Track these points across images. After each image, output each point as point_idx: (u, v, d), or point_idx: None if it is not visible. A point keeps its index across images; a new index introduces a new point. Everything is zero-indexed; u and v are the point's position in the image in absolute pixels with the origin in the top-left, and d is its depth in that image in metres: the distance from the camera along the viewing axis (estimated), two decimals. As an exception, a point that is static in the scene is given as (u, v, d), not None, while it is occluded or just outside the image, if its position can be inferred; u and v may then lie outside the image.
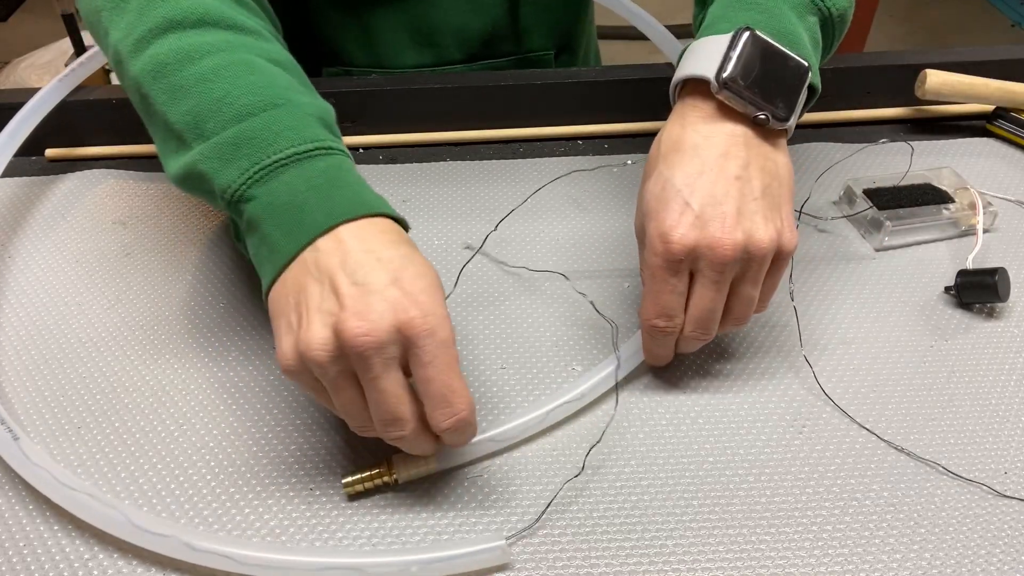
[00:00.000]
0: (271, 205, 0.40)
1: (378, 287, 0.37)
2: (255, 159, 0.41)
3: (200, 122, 0.42)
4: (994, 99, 0.67)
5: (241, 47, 0.44)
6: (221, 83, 0.42)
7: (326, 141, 0.42)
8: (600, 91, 0.69)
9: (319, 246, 0.39)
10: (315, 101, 0.45)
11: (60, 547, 0.41)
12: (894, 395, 0.49)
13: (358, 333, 0.36)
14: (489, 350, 0.51)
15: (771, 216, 0.43)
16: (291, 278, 0.39)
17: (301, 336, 0.38)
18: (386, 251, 0.39)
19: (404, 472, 0.43)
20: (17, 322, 0.53)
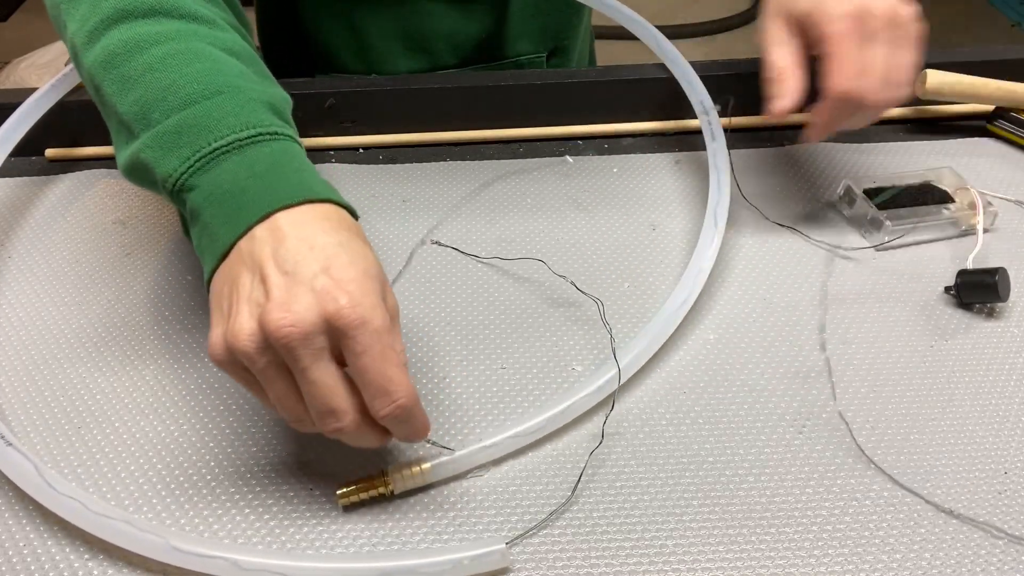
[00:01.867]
0: (211, 195, 0.39)
1: (306, 276, 0.36)
2: (196, 147, 0.40)
3: (147, 112, 0.41)
4: (994, 99, 0.67)
5: (192, 36, 0.44)
6: (168, 72, 0.41)
7: (271, 126, 0.41)
8: (600, 91, 0.68)
9: (255, 234, 0.38)
10: (266, 88, 0.44)
11: (60, 548, 0.41)
12: (894, 395, 0.49)
13: (282, 324, 0.35)
14: (489, 350, 0.51)
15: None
16: (227, 268, 0.39)
17: (228, 327, 0.37)
18: (321, 238, 0.38)
19: (400, 484, 0.43)
20: (17, 322, 0.53)
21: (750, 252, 0.58)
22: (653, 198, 0.63)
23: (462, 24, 0.73)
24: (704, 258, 0.53)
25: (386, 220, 0.61)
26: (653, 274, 0.56)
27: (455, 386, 0.49)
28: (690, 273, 0.53)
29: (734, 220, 0.61)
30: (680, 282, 0.52)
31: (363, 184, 0.64)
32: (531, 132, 0.69)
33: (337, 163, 0.66)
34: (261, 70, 0.46)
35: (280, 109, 0.44)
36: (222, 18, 0.47)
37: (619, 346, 0.50)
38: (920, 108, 0.71)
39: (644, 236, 0.60)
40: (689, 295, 0.51)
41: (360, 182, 0.64)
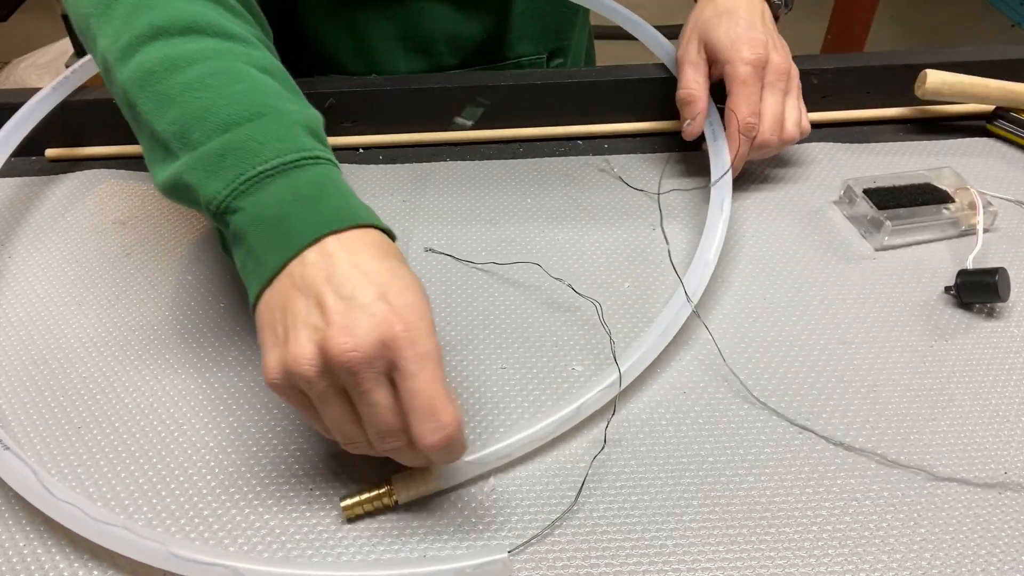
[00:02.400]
0: (257, 217, 0.40)
1: (364, 302, 0.37)
2: (240, 170, 0.40)
3: (186, 132, 0.41)
4: (994, 99, 0.67)
5: (229, 55, 0.44)
6: (207, 92, 0.42)
7: (313, 151, 0.42)
8: (600, 91, 0.68)
9: (306, 258, 0.39)
10: (303, 109, 0.44)
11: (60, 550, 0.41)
12: (894, 395, 0.49)
13: (345, 349, 0.36)
14: (489, 350, 0.51)
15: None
16: (278, 291, 0.39)
17: (288, 351, 0.37)
18: (373, 264, 0.39)
19: (404, 493, 0.43)
20: (17, 322, 0.53)
21: (750, 252, 0.58)
22: (653, 198, 0.63)
23: (463, 25, 0.73)
24: (710, 248, 0.54)
25: (386, 220, 0.60)
26: (653, 274, 0.56)
27: (455, 386, 0.49)
28: (697, 264, 0.53)
29: (734, 220, 0.61)
30: (689, 269, 0.53)
31: (363, 184, 0.64)
32: (531, 132, 0.69)
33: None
34: (294, 88, 0.47)
35: (317, 131, 0.44)
36: (254, 35, 0.48)
37: (622, 346, 0.50)
38: (920, 108, 0.71)
39: (644, 236, 0.60)
40: (698, 286, 0.52)
41: (360, 182, 0.64)
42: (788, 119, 0.60)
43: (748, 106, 0.58)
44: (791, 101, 0.60)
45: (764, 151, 0.60)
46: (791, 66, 0.60)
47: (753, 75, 0.58)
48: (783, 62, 0.59)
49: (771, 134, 0.59)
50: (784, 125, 0.59)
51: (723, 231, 0.55)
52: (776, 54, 0.59)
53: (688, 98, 0.61)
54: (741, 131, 0.58)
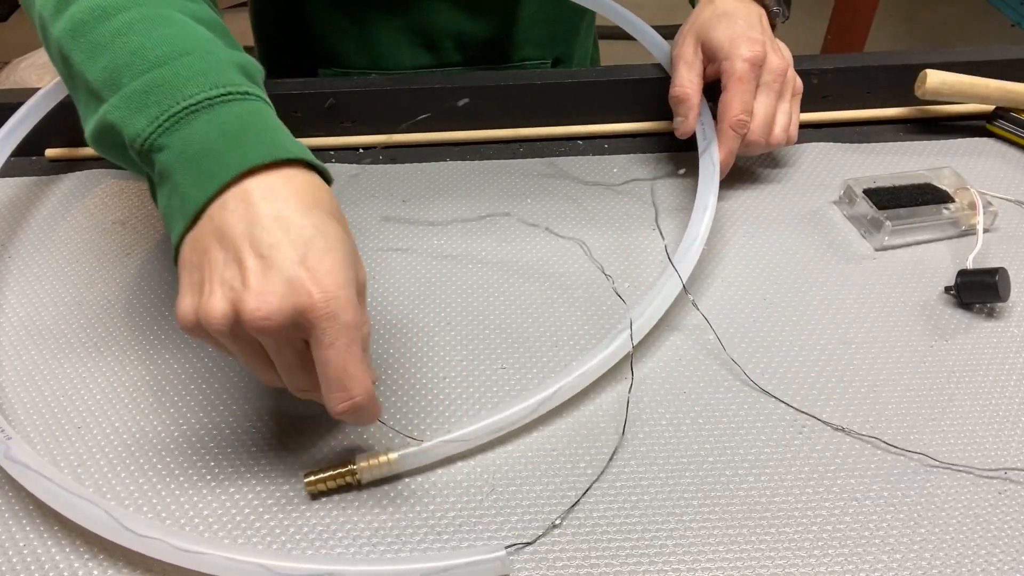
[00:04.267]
0: (182, 153, 0.38)
1: (281, 264, 0.36)
2: (164, 106, 0.39)
3: (116, 77, 0.40)
4: (994, 99, 0.67)
5: (160, 2, 0.43)
6: (136, 36, 0.41)
7: (241, 86, 0.41)
8: (600, 91, 0.68)
9: (227, 203, 0.37)
10: (235, 53, 0.43)
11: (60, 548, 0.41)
12: (894, 395, 0.49)
13: (257, 316, 0.35)
14: (489, 350, 0.51)
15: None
16: (199, 235, 0.38)
17: (202, 304, 0.37)
18: (296, 217, 0.37)
19: (368, 473, 0.43)
20: (17, 322, 0.53)
21: (750, 252, 0.58)
22: (656, 198, 0.63)
23: (469, 25, 0.73)
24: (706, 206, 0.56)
25: (386, 220, 0.61)
26: (653, 274, 0.56)
27: (455, 386, 0.49)
28: (690, 229, 0.55)
29: (734, 220, 0.61)
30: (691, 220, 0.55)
31: (363, 184, 0.64)
32: (531, 132, 0.69)
33: (337, 163, 0.66)
34: (231, 41, 0.46)
35: (251, 73, 0.43)
36: None
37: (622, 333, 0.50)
38: (920, 108, 0.71)
39: (645, 236, 0.60)
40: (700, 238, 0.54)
41: (360, 182, 0.64)
42: (777, 123, 0.60)
43: (741, 104, 0.58)
44: (783, 105, 0.61)
45: (751, 150, 0.61)
46: (789, 70, 0.61)
47: (749, 73, 0.58)
48: (780, 64, 0.59)
49: (760, 135, 0.59)
50: (773, 128, 0.60)
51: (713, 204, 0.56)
52: (774, 55, 0.59)
53: (681, 96, 0.61)
54: (731, 127, 0.58)
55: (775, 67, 0.59)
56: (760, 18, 0.63)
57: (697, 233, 0.54)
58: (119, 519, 0.39)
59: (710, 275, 0.56)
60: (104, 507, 0.40)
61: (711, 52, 0.61)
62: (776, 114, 0.60)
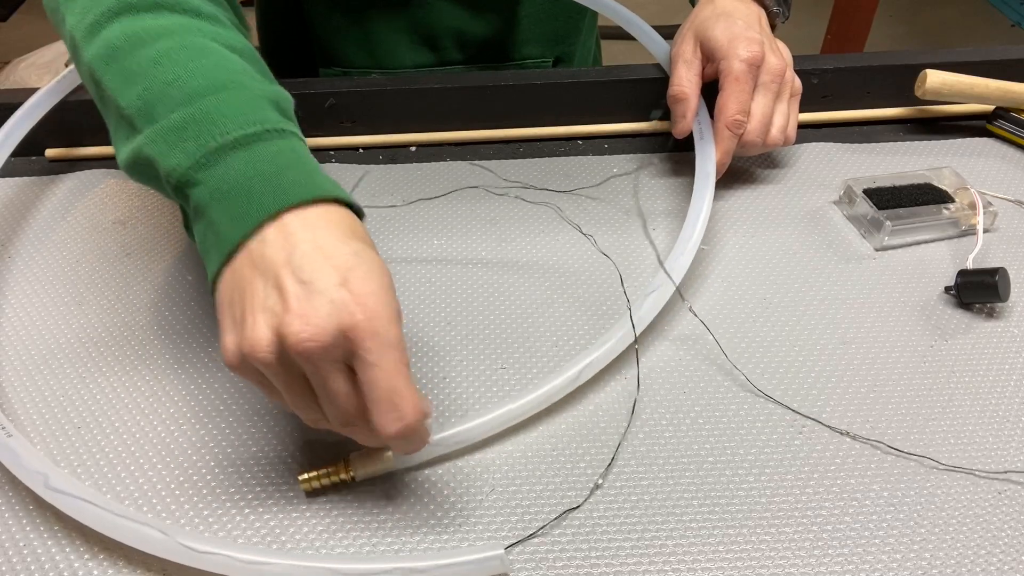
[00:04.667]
0: (217, 190, 0.39)
1: (324, 287, 0.36)
2: (201, 142, 0.39)
3: (150, 107, 0.40)
4: (994, 99, 0.67)
5: (195, 31, 0.43)
6: (172, 66, 0.41)
7: (277, 124, 0.41)
8: (600, 91, 0.68)
9: (266, 236, 0.37)
10: (270, 86, 0.44)
11: (60, 548, 0.41)
12: (894, 395, 0.49)
13: (302, 338, 0.35)
14: (489, 350, 0.51)
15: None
16: (237, 270, 0.38)
17: (245, 335, 0.36)
18: (336, 245, 0.37)
19: (362, 470, 0.43)
20: (17, 322, 0.53)
21: (750, 252, 0.58)
22: (653, 199, 0.63)
23: (470, 24, 0.73)
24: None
25: (386, 220, 0.61)
26: (654, 274, 0.56)
27: (455, 386, 0.49)
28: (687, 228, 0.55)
29: (733, 220, 0.61)
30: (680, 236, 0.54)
31: (363, 184, 0.64)
32: (531, 132, 0.69)
33: (337, 163, 0.66)
34: (263, 69, 0.46)
35: (285, 108, 0.44)
36: (224, 15, 0.47)
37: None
38: (920, 108, 0.71)
39: (644, 236, 0.60)
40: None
41: (360, 182, 0.64)
42: (775, 123, 0.60)
43: (738, 103, 0.58)
44: (781, 105, 0.61)
45: (748, 150, 0.61)
46: (787, 70, 0.60)
47: (747, 73, 0.58)
48: (778, 64, 0.59)
49: (757, 135, 0.59)
50: (770, 128, 0.60)
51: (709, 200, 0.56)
52: (773, 56, 0.59)
53: (679, 95, 0.61)
54: (728, 127, 0.58)
55: (773, 67, 0.59)
56: (759, 18, 0.63)
57: (692, 233, 0.54)
58: (175, 537, 0.39)
59: (710, 275, 0.56)
60: (158, 526, 0.40)
61: (709, 52, 0.61)
62: (774, 114, 0.60)
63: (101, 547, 0.41)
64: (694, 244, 0.53)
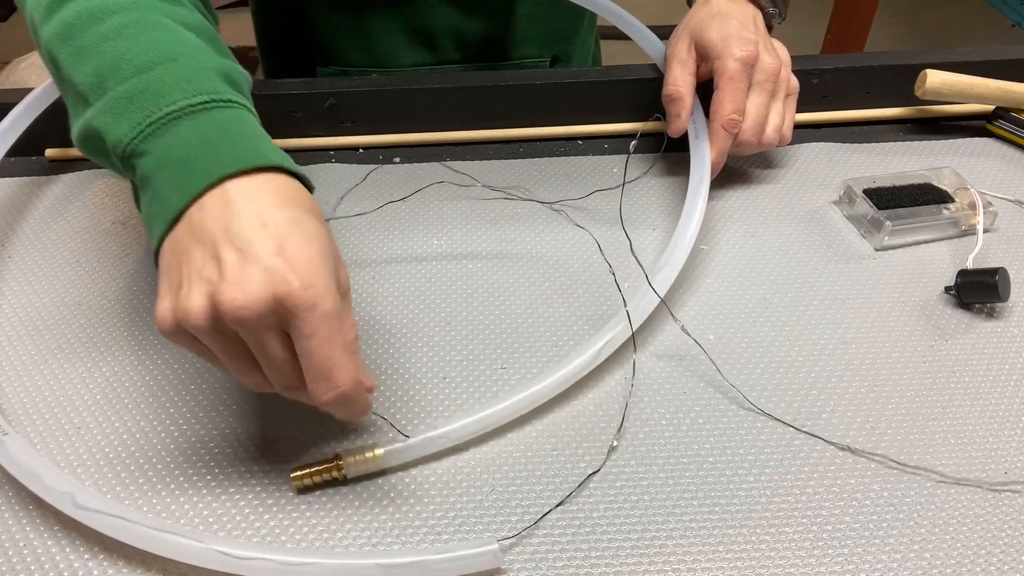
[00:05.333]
0: (163, 159, 0.38)
1: (259, 254, 0.35)
2: (147, 112, 0.39)
3: (102, 81, 0.40)
4: (994, 99, 0.67)
5: (148, 7, 0.43)
6: (123, 41, 0.41)
7: (224, 94, 0.41)
8: (600, 91, 0.68)
9: (205, 204, 0.37)
10: (221, 60, 0.43)
11: (60, 548, 0.41)
12: (894, 395, 0.49)
13: (235, 306, 0.35)
14: (489, 350, 0.51)
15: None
16: (177, 238, 0.38)
17: (180, 302, 0.36)
18: (274, 214, 0.37)
19: (353, 468, 0.43)
20: (17, 322, 0.53)
21: (749, 252, 0.58)
22: (653, 199, 0.63)
23: (467, 23, 0.73)
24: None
25: (386, 220, 0.61)
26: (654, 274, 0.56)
27: (455, 386, 0.49)
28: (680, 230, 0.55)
29: (733, 220, 0.61)
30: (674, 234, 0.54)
31: (363, 184, 0.64)
32: (531, 132, 0.69)
33: (337, 163, 0.66)
34: (221, 48, 0.46)
35: (236, 81, 0.43)
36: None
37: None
38: (920, 108, 0.71)
39: (645, 236, 0.60)
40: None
41: (360, 182, 0.64)
42: (770, 123, 0.60)
43: (732, 103, 0.58)
44: (776, 105, 0.60)
45: (743, 150, 0.60)
46: (783, 70, 0.60)
47: (741, 72, 0.58)
48: (773, 63, 0.59)
49: (752, 135, 0.59)
50: (765, 128, 0.60)
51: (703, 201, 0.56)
52: (767, 55, 0.59)
53: (674, 94, 0.61)
54: (723, 126, 0.58)
55: (768, 67, 0.59)
56: (755, 18, 0.63)
57: (687, 231, 0.54)
58: (212, 545, 0.39)
59: (709, 275, 0.56)
60: (194, 537, 0.40)
61: (704, 51, 0.61)
62: (769, 114, 0.60)
63: (101, 547, 0.41)
64: (688, 242, 0.54)
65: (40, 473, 0.41)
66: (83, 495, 0.41)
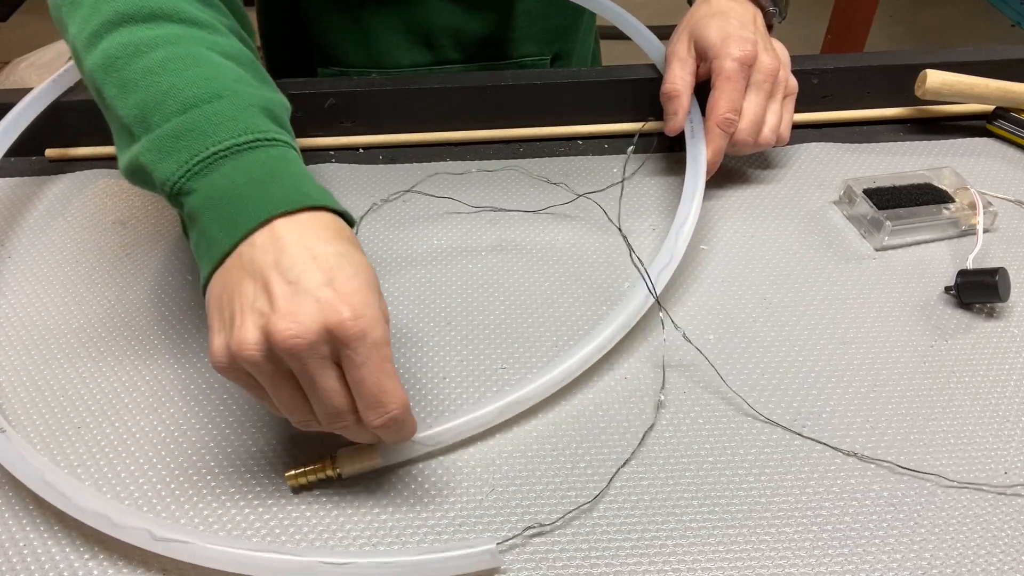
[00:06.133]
0: (210, 198, 0.40)
1: (310, 287, 0.37)
2: (193, 151, 0.40)
3: (146, 115, 0.41)
4: (994, 99, 0.67)
5: (191, 40, 0.44)
6: (167, 76, 0.42)
7: (268, 132, 0.42)
8: (600, 91, 0.68)
9: (255, 241, 0.38)
10: (263, 93, 0.44)
11: (60, 548, 0.41)
12: (894, 395, 0.49)
13: (288, 336, 0.36)
14: (489, 350, 0.51)
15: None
16: (227, 274, 0.39)
17: (234, 336, 0.37)
18: (322, 248, 0.38)
19: (348, 467, 0.44)
20: (17, 322, 0.53)
21: (749, 252, 0.58)
22: (653, 199, 0.63)
23: (467, 22, 0.73)
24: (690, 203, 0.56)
25: (386, 220, 0.61)
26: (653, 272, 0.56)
27: (455, 386, 0.49)
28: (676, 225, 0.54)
29: (733, 220, 0.61)
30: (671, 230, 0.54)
31: (363, 184, 0.64)
32: (531, 132, 0.69)
33: (337, 163, 0.66)
34: (260, 75, 0.47)
35: (278, 115, 0.44)
36: (222, 23, 0.48)
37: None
38: (920, 108, 0.71)
39: (645, 236, 0.60)
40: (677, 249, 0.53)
41: (360, 182, 0.64)
42: (767, 123, 0.60)
43: (728, 102, 0.58)
44: (774, 105, 0.60)
45: (740, 149, 0.60)
46: (781, 70, 0.60)
47: (738, 72, 0.58)
48: (771, 63, 0.59)
49: (748, 134, 0.59)
50: (762, 128, 0.60)
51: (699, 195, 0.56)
52: (766, 55, 0.59)
53: (672, 93, 0.61)
54: (719, 125, 0.58)
55: (766, 67, 0.59)
56: (754, 18, 0.63)
57: (682, 230, 0.54)
58: (313, 556, 0.39)
59: (709, 274, 0.56)
60: (282, 551, 0.40)
61: (703, 50, 0.61)
62: (766, 114, 0.60)
63: (101, 547, 0.41)
64: (684, 239, 0.53)
65: (109, 514, 0.40)
66: (162, 529, 0.40)
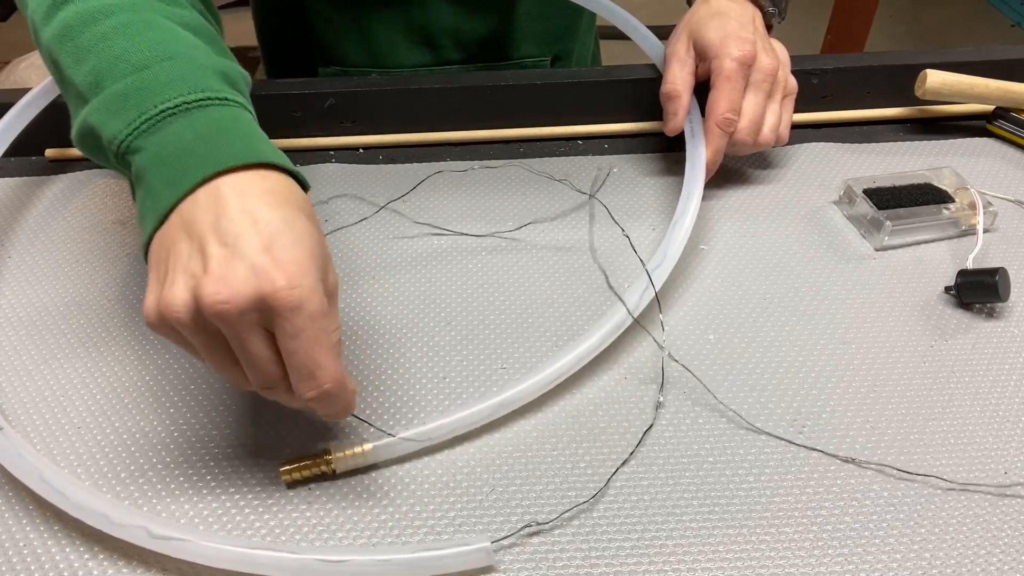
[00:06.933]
0: (157, 156, 0.39)
1: (247, 252, 0.35)
2: (142, 109, 0.39)
3: (100, 80, 0.41)
4: (994, 99, 0.67)
5: (146, 7, 0.43)
6: (121, 40, 0.41)
7: (221, 92, 0.41)
8: (600, 91, 0.68)
9: (197, 198, 0.37)
10: (219, 59, 0.43)
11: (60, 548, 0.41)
12: (894, 395, 0.49)
13: (216, 301, 0.35)
14: (489, 350, 0.51)
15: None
16: (167, 231, 0.38)
17: (163, 295, 0.36)
18: (266, 212, 0.37)
19: (342, 463, 0.44)
20: (17, 321, 0.53)
21: (749, 252, 0.58)
22: (653, 198, 0.63)
23: (467, 22, 0.73)
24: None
25: (386, 220, 0.61)
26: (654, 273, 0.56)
27: (455, 386, 0.49)
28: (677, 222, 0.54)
29: (733, 220, 0.61)
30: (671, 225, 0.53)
31: (363, 184, 0.64)
32: (531, 132, 0.69)
33: (337, 163, 0.66)
34: (219, 47, 0.46)
35: (233, 80, 0.43)
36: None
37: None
38: (920, 108, 0.71)
39: (644, 236, 0.60)
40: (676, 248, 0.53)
41: (360, 182, 0.64)
42: (766, 123, 0.60)
43: (728, 102, 0.58)
44: (773, 105, 0.60)
45: (739, 150, 0.60)
46: (781, 70, 0.60)
47: (738, 72, 0.58)
48: (771, 63, 0.59)
49: (747, 134, 0.59)
50: (761, 128, 0.60)
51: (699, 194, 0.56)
52: (765, 55, 0.59)
53: (672, 93, 0.61)
54: (718, 125, 0.58)
55: (765, 67, 0.59)
56: (754, 18, 0.63)
57: (681, 229, 0.54)
58: (289, 552, 0.39)
59: (709, 274, 0.56)
60: (279, 548, 0.40)
61: (702, 50, 0.61)
62: (765, 114, 0.60)
63: (101, 547, 0.41)
64: (683, 238, 0.53)
65: (107, 512, 0.40)
66: (159, 526, 0.40)
